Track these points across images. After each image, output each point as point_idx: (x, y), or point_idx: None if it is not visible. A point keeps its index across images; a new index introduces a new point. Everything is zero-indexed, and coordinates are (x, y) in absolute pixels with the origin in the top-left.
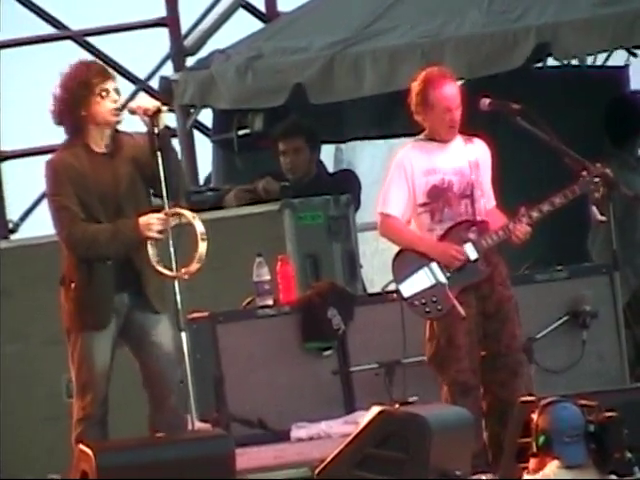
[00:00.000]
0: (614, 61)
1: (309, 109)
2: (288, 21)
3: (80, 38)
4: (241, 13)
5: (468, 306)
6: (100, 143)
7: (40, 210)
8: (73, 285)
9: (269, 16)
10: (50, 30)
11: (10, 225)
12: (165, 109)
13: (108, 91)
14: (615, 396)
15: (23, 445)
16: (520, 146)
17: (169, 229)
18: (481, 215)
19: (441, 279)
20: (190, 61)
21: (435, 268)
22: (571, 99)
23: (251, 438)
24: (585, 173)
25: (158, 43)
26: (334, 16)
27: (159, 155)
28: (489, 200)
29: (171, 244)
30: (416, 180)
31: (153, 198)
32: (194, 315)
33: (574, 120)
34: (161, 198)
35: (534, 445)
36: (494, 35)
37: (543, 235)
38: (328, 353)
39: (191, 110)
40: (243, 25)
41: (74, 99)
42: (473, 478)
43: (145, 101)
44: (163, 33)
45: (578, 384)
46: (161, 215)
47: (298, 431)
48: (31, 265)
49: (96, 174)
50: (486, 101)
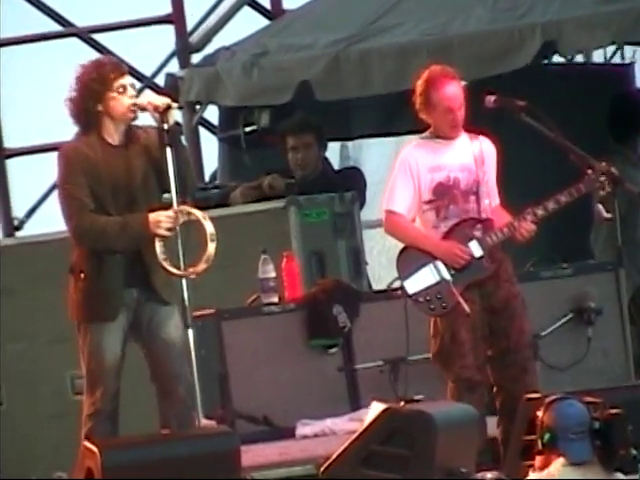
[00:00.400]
0: (619, 58)
1: (315, 106)
2: (293, 18)
3: (85, 35)
4: (246, 10)
5: (472, 303)
6: (114, 136)
7: (45, 207)
8: (83, 275)
9: (274, 13)
10: (55, 27)
11: (15, 222)
12: (175, 106)
13: (125, 87)
14: (620, 393)
15: (28, 443)
16: (525, 144)
17: (178, 227)
18: (486, 212)
19: (445, 276)
20: (196, 58)
21: (440, 265)
22: (576, 96)
23: (256, 435)
24: (590, 171)
25: (164, 40)
26: (339, 13)
27: (168, 151)
28: (494, 198)
29: (180, 243)
30: (421, 177)
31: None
32: (199, 312)
33: (579, 117)
34: (170, 194)
35: (539, 442)
36: (499, 32)
37: (547, 233)
38: (333, 350)
39: (197, 107)
40: (248, 22)
41: (91, 94)
42: (478, 475)
43: (155, 97)
44: (169, 30)
45: (583, 381)
46: (170, 213)
47: (303, 428)
48: (36, 263)
49: (109, 165)
50: (491, 98)
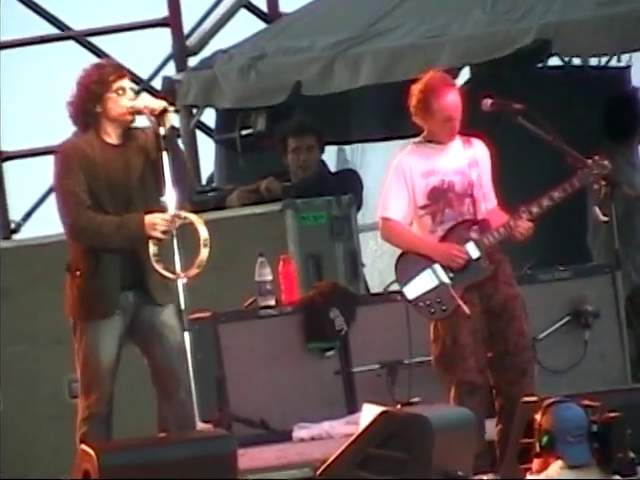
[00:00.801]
0: (615, 62)
1: (313, 109)
2: (291, 21)
3: (82, 38)
4: (243, 13)
5: (472, 305)
6: (113, 136)
7: (42, 210)
8: (79, 273)
9: (271, 16)
10: (52, 30)
11: (12, 225)
12: (172, 109)
13: (124, 89)
14: (617, 396)
15: (27, 444)
16: (521, 146)
17: (174, 230)
18: (482, 214)
19: (444, 279)
20: (192, 61)
21: (438, 269)
22: (573, 99)
23: (253, 438)
24: (584, 166)
25: (161, 43)
26: (336, 16)
27: (165, 155)
28: (490, 200)
29: (175, 244)
30: (415, 183)
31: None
32: (196, 315)
33: (576, 120)
34: (167, 197)
35: (537, 445)
36: (496, 33)
37: (545, 235)
38: (330, 353)
39: (194, 110)
40: (245, 25)
41: (90, 96)
42: (475, 478)
43: (152, 101)
44: (165, 33)
45: (580, 384)
46: (166, 216)
47: (300, 431)
48: (33, 265)
49: (107, 163)
50: (488, 101)
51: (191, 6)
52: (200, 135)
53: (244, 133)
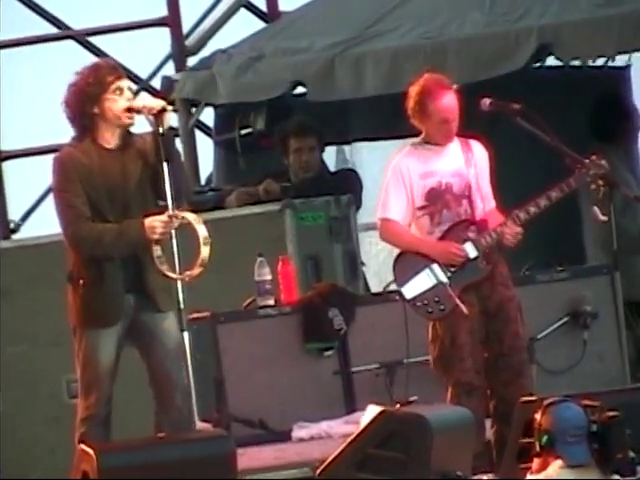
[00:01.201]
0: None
1: (311, 109)
2: (290, 21)
3: (82, 38)
4: (243, 13)
5: (470, 305)
6: (110, 140)
7: (41, 210)
8: (82, 282)
9: (271, 16)
10: (52, 30)
11: (11, 225)
12: (170, 108)
13: (122, 89)
14: (616, 396)
15: (25, 445)
16: (520, 147)
17: (173, 231)
18: (480, 215)
19: (442, 279)
20: (192, 61)
21: (436, 269)
22: (571, 99)
23: (252, 438)
24: (581, 166)
25: (160, 43)
26: (336, 16)
27: (163, 155)
28: (488, 201)
29: (175, 245)
30: (414, 184)
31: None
32: (195, 315)
33: (574, 120)
34: (165, 199)
35: (537, 445)
36: (495, 36)
37: (543, 236)
38: (329, 353)
39: (192, 109)
40: (245, 25)
41: (88, 97)
42: (474, 478)
43: (150, 100)
44: (164, 33)
45: (579, 384)
46: (164, 217)
47: (299, 431)
48: (32, 265)
49: (104, 169)
50: (487, 101)
51: (190, 6)
52: (199, 135)
53: (243, 133)
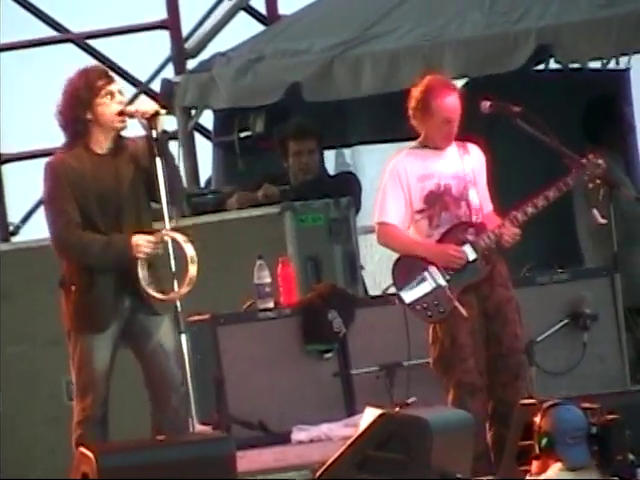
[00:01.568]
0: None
1: (310, 112)
2: (289, 23)
3: (81, 41)
4: (242, 16)
5: (470, 307)
6: (103, 145)
7: (41, 213)
8: (74, 288)
9: (270, 19)
10: (51, 33)
11: (11, 228)
12: (163, 112)
13: (113, 93)
14: (616, 398)
15: (25, 445)
16: (519, 149)
17: (168, 247)
18: (478, 218)
19: (441, 282)
20: (191, 64)
21: (434, 271)
22: (572, 102)
23: (252, 440)
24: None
25: (159, 46)
26: (335, 18)
27: (157, 158)
28: (486, 204)
29: (172, 264)
30: (412, 187)
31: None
32: (195, 317)
33: (574, 122)
34: (158, 202)
35: (536, 447)
36: (495, 36)
37: (543, 237)
38: (329, 355)
39: (192, 112)
40: (244, 28)
41: (80, 103)
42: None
43: (143, 104)
44: (164, 36)
45: (579, 386)
46: (151, 237)
47: (299, 433)
48: (32, 267)
49: (97, 174)
50: (487, 103)
51: (190, 8)
52: (198, 137)
53: (242, 135)
